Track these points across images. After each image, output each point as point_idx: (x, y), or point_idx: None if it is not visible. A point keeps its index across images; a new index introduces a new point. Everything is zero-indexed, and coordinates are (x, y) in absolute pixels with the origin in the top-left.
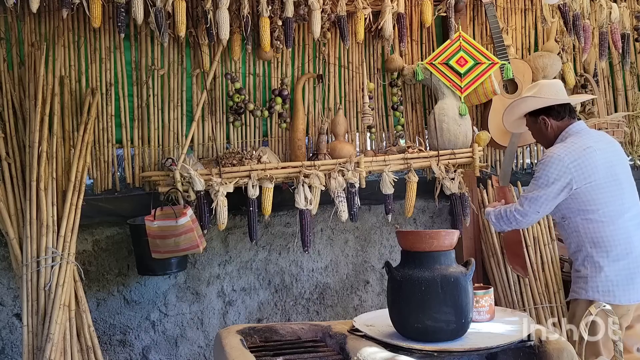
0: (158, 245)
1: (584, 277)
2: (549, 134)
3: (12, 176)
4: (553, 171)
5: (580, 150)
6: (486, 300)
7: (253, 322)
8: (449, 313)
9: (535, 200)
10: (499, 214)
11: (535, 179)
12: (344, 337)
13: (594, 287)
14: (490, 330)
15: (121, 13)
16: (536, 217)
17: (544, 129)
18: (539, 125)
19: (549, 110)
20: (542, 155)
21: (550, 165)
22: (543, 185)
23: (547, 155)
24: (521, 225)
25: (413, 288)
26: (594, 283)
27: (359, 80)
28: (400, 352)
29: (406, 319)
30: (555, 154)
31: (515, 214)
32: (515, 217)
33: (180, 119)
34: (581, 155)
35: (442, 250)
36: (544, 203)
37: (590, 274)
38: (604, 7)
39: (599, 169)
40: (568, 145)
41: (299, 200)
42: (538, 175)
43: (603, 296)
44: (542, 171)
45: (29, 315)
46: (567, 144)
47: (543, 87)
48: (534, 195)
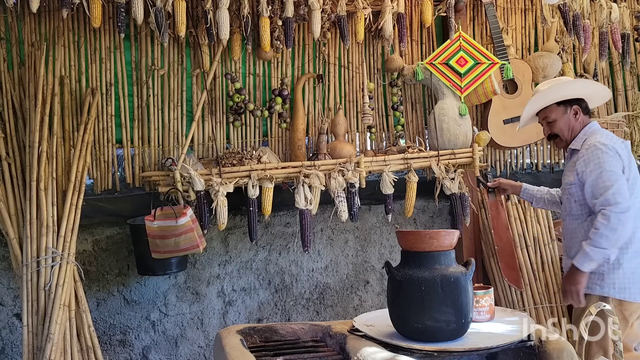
0: (158, 245)
1: (599, 273)
2: (576, 126)
3: (12, 176)
4: (609, 160)
5: (620, 142)
6: (486, 300)
7: (253, 322)
8: (449, 313)
9: (621, 187)
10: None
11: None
12: (344, 337)
13: (610, 283)
14: (490, 330)
15: (121, 13)
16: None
17: (574, 120)
18: (568, 116)
19: (581, 102)
20: (587, 145)
21: (606, 153)
22: (613, 172)
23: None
24: (630, 217)
25: (413, 288)
26: (610, 279)
27: (359, 80)
28: (400, 352)
29: (406, 319)
30: (607, 144)
31: (618, 215)
32: (620, 218)
33: (180, 119)
34: (623, 147)
35: (442, 250)
36: (624, 187)
37: (607, 270)
38: (604, 7)
39: (632, 163)
40: (609, 136)
41: (299, 200)
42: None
43: (619, 293)
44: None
45: (29, 315)
46: (605, 135)
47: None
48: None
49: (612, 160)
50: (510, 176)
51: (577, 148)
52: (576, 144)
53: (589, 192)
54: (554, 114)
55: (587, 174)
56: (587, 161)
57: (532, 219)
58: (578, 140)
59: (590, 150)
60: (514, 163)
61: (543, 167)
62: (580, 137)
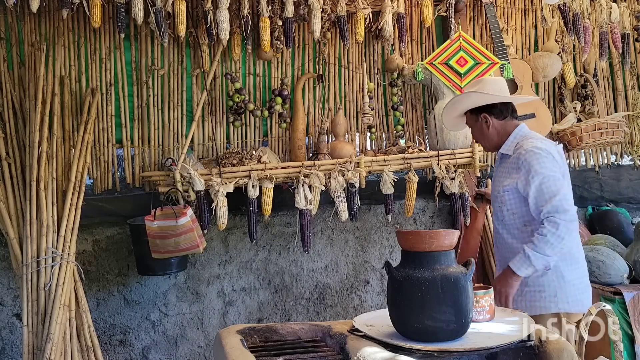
0: (158, 245)
1: (549, 290)
2: (490, 133)
3: (12, 176)
4: (549, 164)
5: (554, 146)
6: (486, 300)
7: (253, 322)
8: (449, 313)
9: (567, 193)
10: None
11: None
12: (344, 337)
13: (563, 298)
14: (490, 330)
15: (121, 13)
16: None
17: (485, 127)
18: (480, 124)
19: (491, 108)
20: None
21: (545, 157)
22: (555, 178)
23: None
24: (576, 226)
25: (413, 288)
26: (563, 295)
27: (359, 80)
28: (400, 352)
29: (406, 319)
30: (543, 148)
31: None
32: (568, 227)
33: (180, 119)
34: (556, 151)
35: (442, 250)
36: (570, 193)
37: (558, 286)
38: (604, 7)
39: (565, 167)
40: (543, 140)
41: (299, 200)
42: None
43: (573, 306)
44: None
45: (29, 315)
46: (539, 139)
47: (486, 83)
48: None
49: (550, 164)
50: None
51: (508, 153)
52: (507, 149)
53: (532, 200)
54: (469, 121)
55: (529, 181)
56: (528, 168)
57: None
58: (508, 144)
59: (528, 155)
60: None
61: None
62: (510, 141)
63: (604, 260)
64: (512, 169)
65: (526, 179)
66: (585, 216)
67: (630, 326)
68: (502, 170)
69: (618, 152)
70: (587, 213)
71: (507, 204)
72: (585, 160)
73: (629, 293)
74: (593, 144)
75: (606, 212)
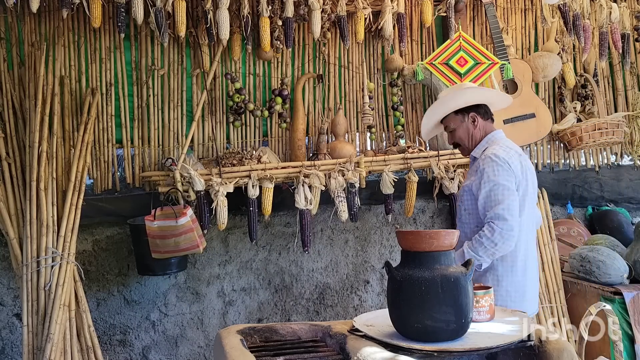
0: (158, 245)
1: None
2: (476, 134)
3: (12, 176)
4: (503, 173)
5: (517, 155)
6: (486, 300)
7: (253, 322)
8: (449, 313)
9: (511, 204)
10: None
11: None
12: (344, 337)
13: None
14: (490, 330)
15: (121, 13)
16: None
17: (472, 127)
18: (467, 124)
19: (478, 108)
20: (484, 156)
21: (500, 166)
22: (505, 187)
23: (491, 156)
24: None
25: (413, 288)
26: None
27: (359, 80)
28: (400, 352)
29: (406, 319)
30: (501, 156)
31: (503, 232)
32: (503, 235)
33: (180, 119)
34: (517, 161)
35: (442, 250)
36: (515, 204)
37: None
38: (604, 7)
39: (528, 177)
40: (506, 149)
41: (299, 200)
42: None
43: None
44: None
45: (29, 315)
46: (503, 147)
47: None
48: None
49: (505, 173)
50: None
51: (476, 156)
52: (477, 152)
53: (481, 204)
54: (452, 122)
55: (481, 186)
56: (482, 173)
57: None
58: (479, 148)
59: (486, 161)
60: None
61: (543, 167)
62: (482, 144)
63: (604, 260)
64: (474, 171)
65: (479, 183)
66: (585, 216)
67: (630, 326)
68: (470, 172)
69: (618, 152)
70: (587, 213)
71: (465, 204)
72: (585, 160)
73: (629, 293)
74: (593, 144)
75: (606, 212)
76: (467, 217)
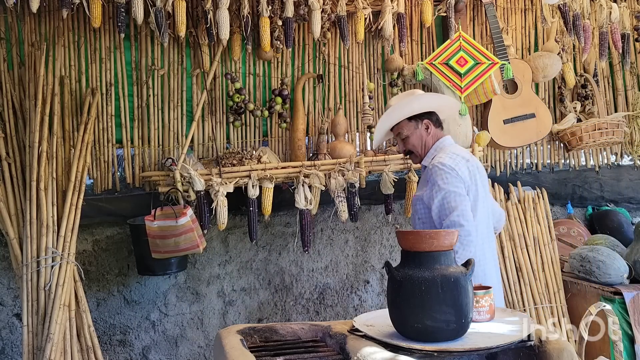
0: (158, 245)
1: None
2: (428, 141)
3: (12, 176)
4: (452, 180)
5: (464, 162)
6: (486, 300)
7: (253, 322)
8: (449, 313)
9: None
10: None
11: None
12: (344, 337)
13: None
14: (490, 330)
15: (121, 13)
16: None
17: (425, 134)
18: (420, 131)
19: (430, 115)
20: (432, 164)
21: (449, 174)
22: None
23: (438, 165)
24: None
25: (413, 288)
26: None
27: (359, 80)
28: (400, 352)
29: (406, 319)
30: (447, 164)
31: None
32: (461, 242)
33: (180, 119)
34: (465, 167)
35: (442, 250)
36: (468, 209)
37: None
38: (604, 7)
39: (478, 182)
40: (452, 156)
41: (299, 200)
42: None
43: None
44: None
45: (29, 315)
46: (449, 154)
47: (422, 92)
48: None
49: (454, 180)
50: (510, 176)
51: (427, 165)
52: (427, 160)
53: (435, 213)
54: (406, 129)
55: (433, 195)
56: (432, 183)
57: (532, 219)
58: (429, 156)
59: (434, 171)
60: (514, 163)
61: (543, 167)
62: (431, 153)
63: (604, 260)
64: (424, 180)
65: (430, 192)
66: (585, 216)
67: (630, 326)
68: (421, 181)
69: (618, 152)
70: (587, 213)
71: (418, 213)
72: (585, 160)
73: (629, 293)
74: (593, 144)
75: (606, 212)
76: (421, 227)
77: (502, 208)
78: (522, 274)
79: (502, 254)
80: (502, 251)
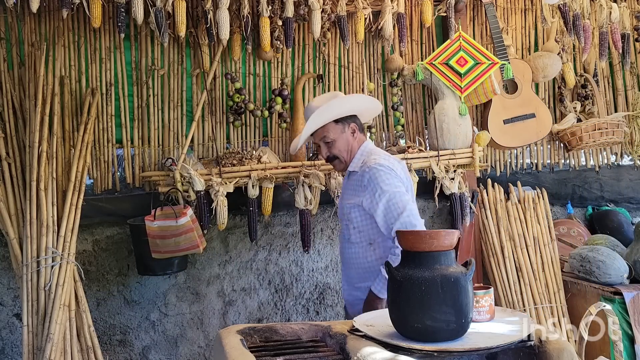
0: (158, 245)
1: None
2: (354, 146)
3: (12, 176)
4: (393, 181)
5: (397, 162)
6: (486, 300)
7: (253, 322)
8: (449, 313)
9: (412, 208)
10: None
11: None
12: (344, 337)
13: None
14: (490, 330)
15: (121, 13)
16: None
17: (352, 139)
18: (347, 135)
19: (355, 118)
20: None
21: (388, 174)
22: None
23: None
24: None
25: (413, 288)
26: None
27: (359, 80)
28: (400, 352)
29: (406, 319)
30: (385, 164)
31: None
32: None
33: (180, 119)
34: (400, 168)
35: (442, 250)
36: (415, 209)
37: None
38: (604, 7)
39: (409, 184)
40: (385, 157)
41: (299, 200)
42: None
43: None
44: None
45: (29, 315)
46: (382, 156)
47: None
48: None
49: (394, 180)
50: (510, 176)
51: (355, 170)
52: (354, 166)
53: (381, 218)
54: (332, 133)
55: (376, 199)
56: (373, 186)
57: (532, 219)
58: (356, 161)
59: (372, 174)
60: (514, 163)
61: (543, 167)
62: (357, 157)
63: (604, 260)
64: (357, 186)
65: (372, 197)
66: (585, 216)
67: (630, 326)
68: (349, 187)
69: (618, 152)
70: (587, 213)
71: (353, 222)
72: (585, 160)
73: (629, 293)
74: (593, 144)
75: (606, 212)
76: (357, 236)
77: (503, 208)
78: (522, 274)
79: (502, 254)
80: (502, 251)
